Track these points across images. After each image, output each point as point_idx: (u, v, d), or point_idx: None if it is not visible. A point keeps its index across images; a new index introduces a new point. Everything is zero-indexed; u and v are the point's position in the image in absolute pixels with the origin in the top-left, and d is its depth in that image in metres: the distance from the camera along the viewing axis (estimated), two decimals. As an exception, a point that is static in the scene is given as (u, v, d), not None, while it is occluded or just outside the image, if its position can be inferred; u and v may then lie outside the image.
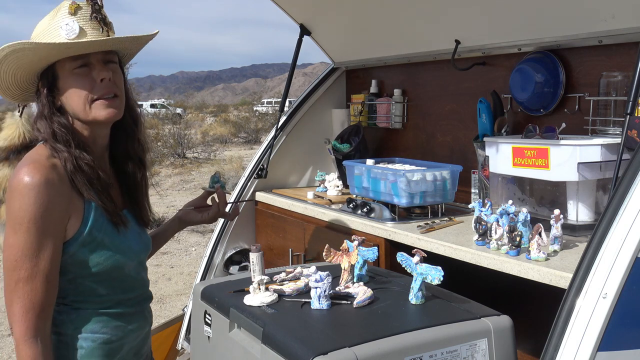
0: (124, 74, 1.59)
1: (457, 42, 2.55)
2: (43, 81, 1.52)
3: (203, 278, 3.08)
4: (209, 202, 1.93)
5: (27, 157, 1.48)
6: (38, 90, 1.53)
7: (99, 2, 1.51)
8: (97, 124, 1.54)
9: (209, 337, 1.71)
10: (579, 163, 1.85)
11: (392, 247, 2.25)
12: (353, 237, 1.78)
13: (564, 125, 2.03)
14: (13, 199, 1.41)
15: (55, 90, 1.51)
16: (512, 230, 1.79)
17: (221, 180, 1.94)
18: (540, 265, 1.68)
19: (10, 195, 1.42)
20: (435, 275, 1.54)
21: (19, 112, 1.61)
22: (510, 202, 1.92)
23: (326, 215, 2.62)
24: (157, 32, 1.59)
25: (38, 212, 1.39)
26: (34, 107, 1.59)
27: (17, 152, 1.59)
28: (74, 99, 1.49)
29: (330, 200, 2.82)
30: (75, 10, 1.46)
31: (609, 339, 1.22)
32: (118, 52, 1.58)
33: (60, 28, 1.45)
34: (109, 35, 1.50)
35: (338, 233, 2.51)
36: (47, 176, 1.41)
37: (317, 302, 1.54)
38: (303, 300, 1.59)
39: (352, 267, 1.72)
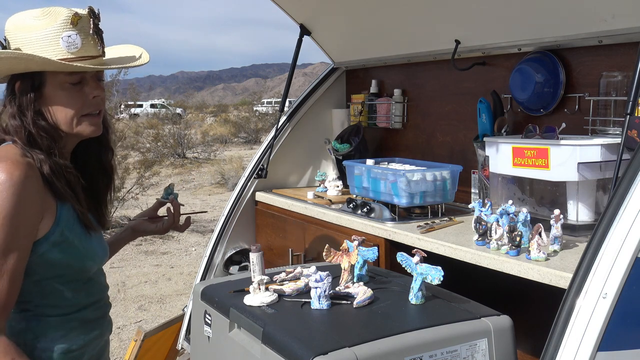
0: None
1: (457, 42, 2.54)
2: (26, 82, 1.44)
3: (203, 278, 3.08)
4: (160, 212, 1.92)
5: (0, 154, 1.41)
6: (13, 88, 1.45)
7: (99, 17, 1.47)
8: (75, 136, 1.52)
9: (209, 337, 1.71)
10: (579, 163, 1.85)
11: (392, 247, 2.25)
12: (353, 237, 1.78)
13: (564, 125, 2.03)
14: None
15: (38, 95, 1.45)
16: (512, 230, 1.79)
17: (174, 193, 1.96)
18: (540, 265, 1.68)
19: None
20: (435, 275, 1.54)
21: None
22: (510, 202, 1.92)
23: (326, 215, 2.62)
24: (148, 62, 1.58)
25: (14, 209, 1.34)
26: None
27: None
28: (61, 112, 1.46)
29: (330, 200, 2.82)
30: (77, 22, 1.42)
31: (609, 339, 1.22)
32: None
33: (61, 39, 1.41)
34: (103, 51, 1.49)
35: (338, 233, 2.51)
36: (26, 173, 1.37)
37: (317, 302, 1.54)
38: (303, 300, 1.59)
39: (352, 267, 1.72)
